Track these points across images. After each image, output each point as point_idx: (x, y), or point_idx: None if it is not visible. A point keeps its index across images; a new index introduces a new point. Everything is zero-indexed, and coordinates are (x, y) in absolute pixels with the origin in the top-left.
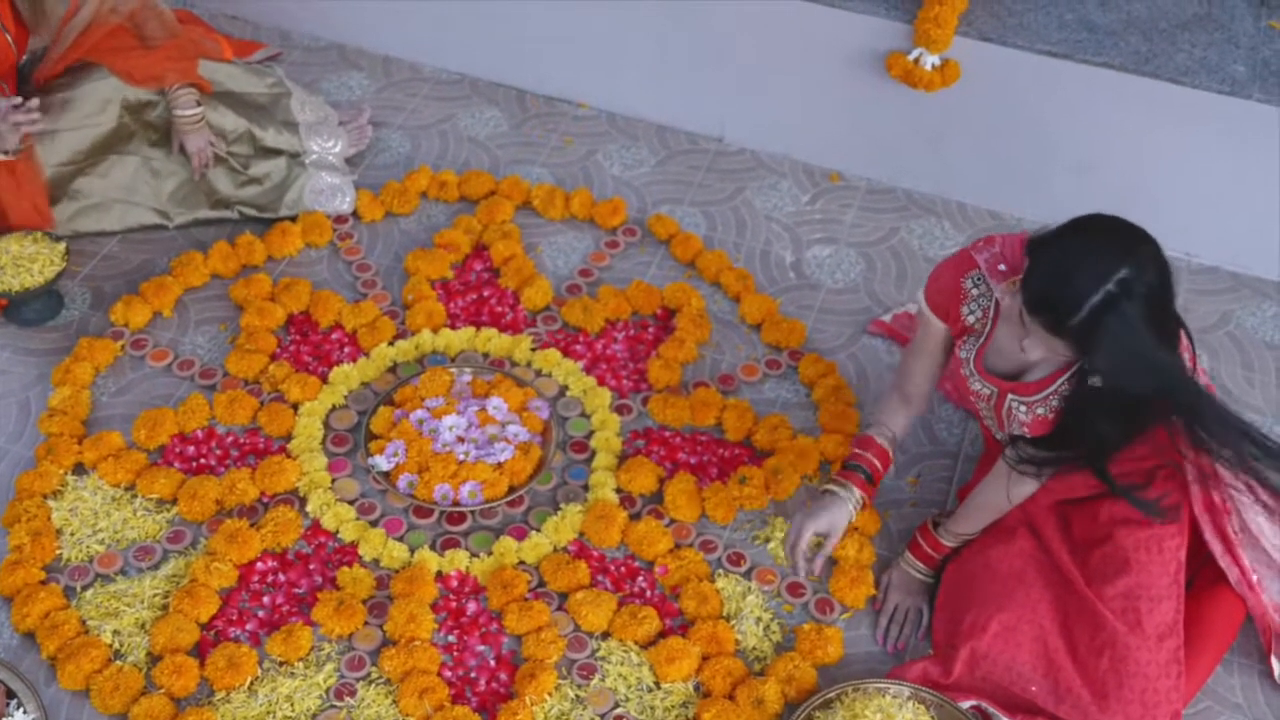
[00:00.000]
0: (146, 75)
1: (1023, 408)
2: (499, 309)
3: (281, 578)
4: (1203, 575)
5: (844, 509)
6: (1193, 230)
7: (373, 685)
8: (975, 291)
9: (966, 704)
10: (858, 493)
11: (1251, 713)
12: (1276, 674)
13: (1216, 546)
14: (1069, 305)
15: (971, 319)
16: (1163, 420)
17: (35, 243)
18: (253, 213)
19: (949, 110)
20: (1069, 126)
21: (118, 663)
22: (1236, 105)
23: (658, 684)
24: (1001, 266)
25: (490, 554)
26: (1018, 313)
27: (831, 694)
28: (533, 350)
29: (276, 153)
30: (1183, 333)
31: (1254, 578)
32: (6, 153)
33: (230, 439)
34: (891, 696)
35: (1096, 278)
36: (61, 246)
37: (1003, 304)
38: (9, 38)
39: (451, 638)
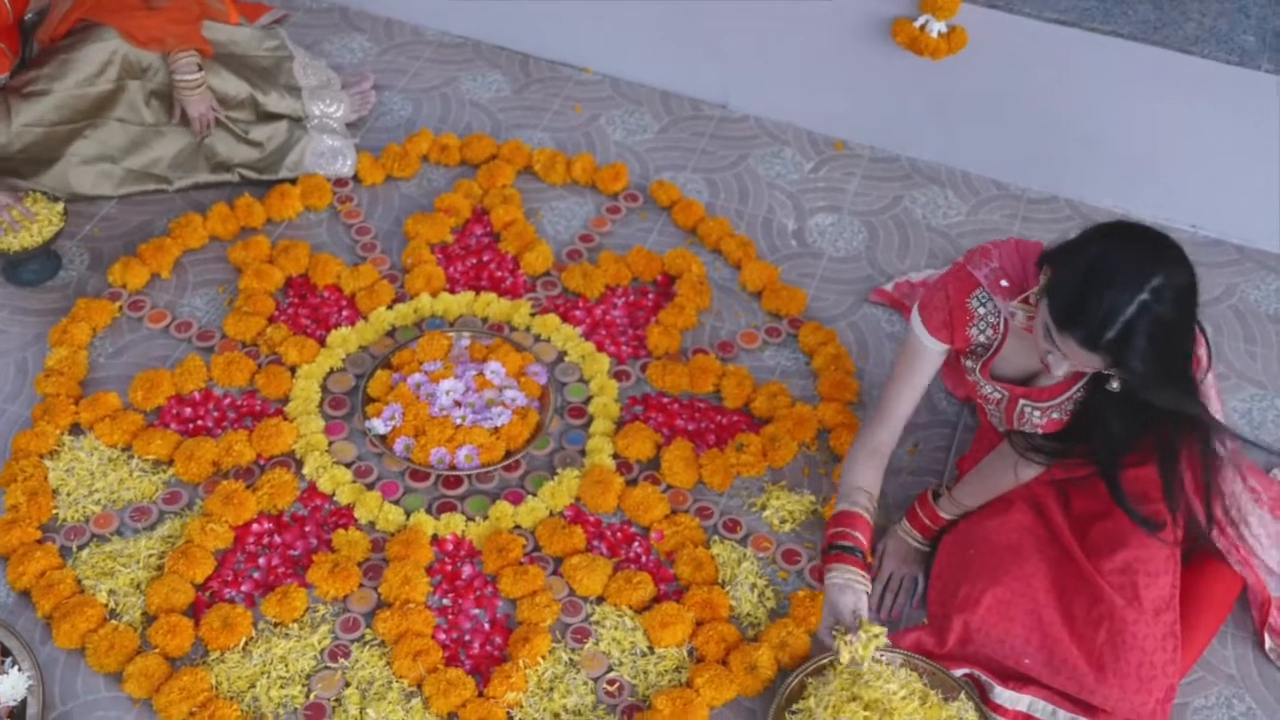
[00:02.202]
0: (149, 37)
1: (1036, 412)
2: (498, 274)
3: (277, 539)
4: (1200, 550)
5: (851, 592)
6: (1198, 202)
7: (367, 647)
8: (983, 310)
9: (959, 672)
10: (857, 574)
11: (1245, 684)
12: (1268, 647)
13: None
14: (1104, 320)
15: (982, 338)
16: (1172, 425)
17: (34, 203)
18: (253, 175)
19: (955, 78)
20: (1075, 95)
21: (113, 622)
22: (1245, 76)
23: (651, 649)
24: (1004, 282)
25: (486, 518)
26: (1044, 329)
27: (825, 660)
28: (532, 315)
29: (278, 117)
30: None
31: (1247, 553)
32: None
33: (227, 401)
34: (885, 663)
35: (1129, 288)
36: (59, 206)
37: (1013, 321)
38: None
39: (446, 601)
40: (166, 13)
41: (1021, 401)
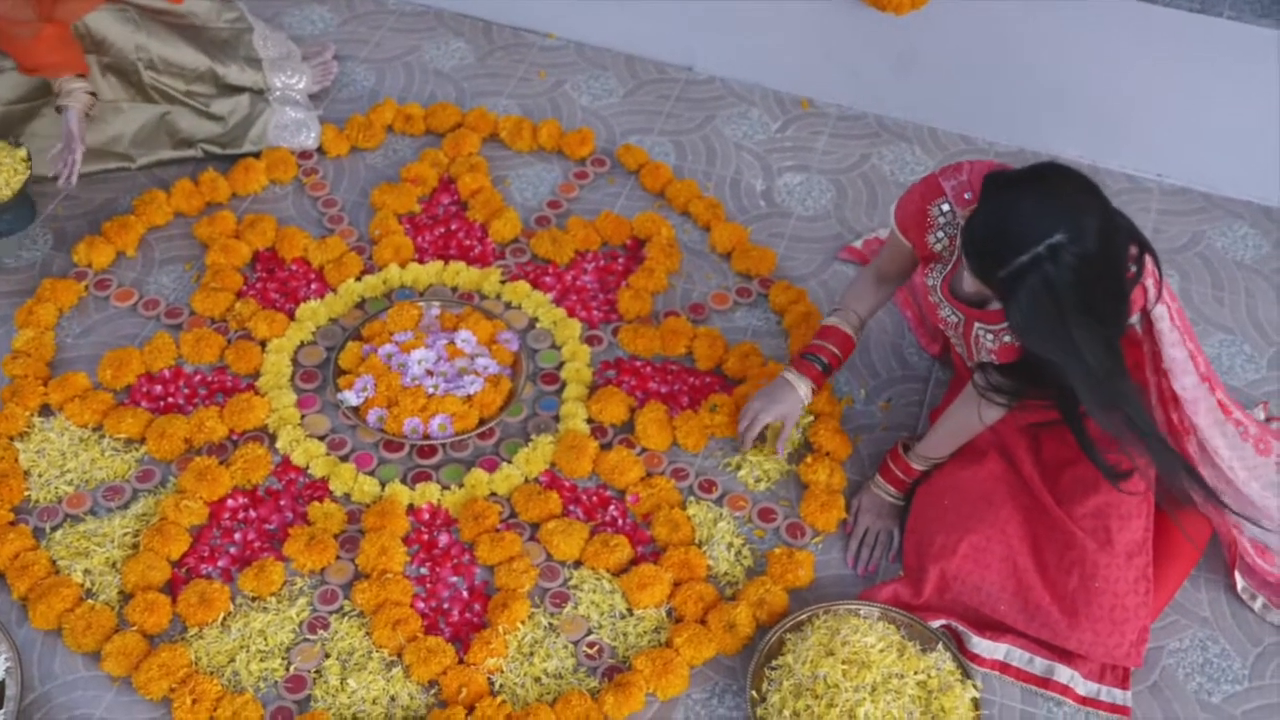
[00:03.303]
0: (32, 64)
1: (989, 335)
2: (467, 242)
3: (252, 514)
4: (1171, 493)
5: (796, 399)
6: (1163, 151)
7: (345, 618)
8: (942, 220)
9: (936, 623)
10: (809, 385)
11: (1219, 626)
12: (1239, 588)
13: None
14: (998, 258)
15: (938, 246)
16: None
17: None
18: (216, 150)
19: (919, 34)
20: (1040, 48)
21: (89, 601)
22: (1207, 23)
23: (630, 610)
24: (967, 195)
25: (461, 486)
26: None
27: (803, 616)
28: (502, 283)
29: (239, 90)
30: (1150, 260)
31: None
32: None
33: (198, 378)
34: (862, 617)
35: (1030, 238)
36: (21, 151)
37: None
38: None
39: (424, 570)
40: (43, 38)
41: (976, 325)
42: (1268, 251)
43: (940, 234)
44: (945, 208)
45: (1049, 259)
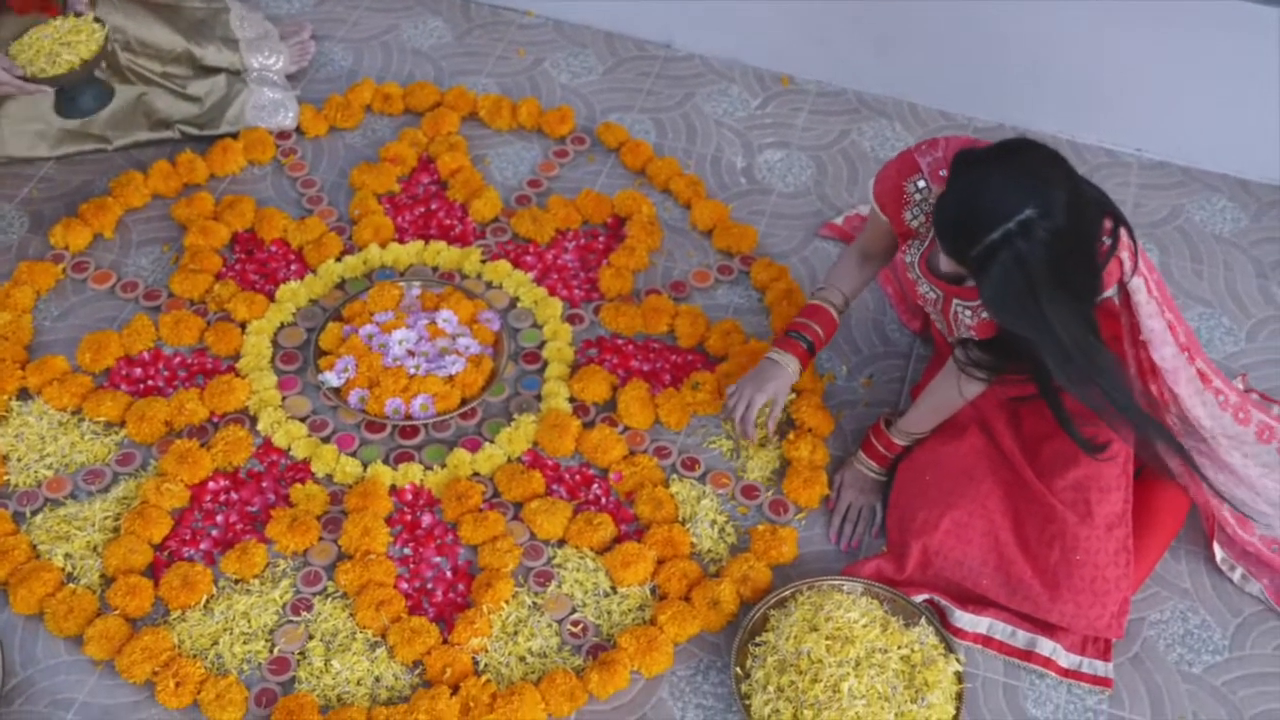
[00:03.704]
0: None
1: (967, 311)
2: (447, 222)
3: (234, 496)
4: (1150, 466)
5: (785, 377)
6: (1142, 125)
7: (329, 599)
8: (918, 197)
9: (919, 598)
10: (796, 363)
11: (1199, 597)
12: (1218, 559)
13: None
14: (969, 236)
15: (915, 223)
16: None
17: (65, 20)
18: (193, 131)
19: (898, 9)
20: (1017, 22)
21: (71, 586)
22: None
23: (614, 588)
24: (943, 172)
25: (444, 466)
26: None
27: (786, 592)
28: (482, 262)
29: (216, 70)
30: (1125, 233)
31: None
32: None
33: (177, 360)
34: (845, 593)
35: (999, 215)
36: (90, 15)
37: None
38: None
39: (407, 550)
40: None
41: (955, 301)
42: (1246, 225)
43: (916, 210)
44: (921, 184)
45: (1020, 235)
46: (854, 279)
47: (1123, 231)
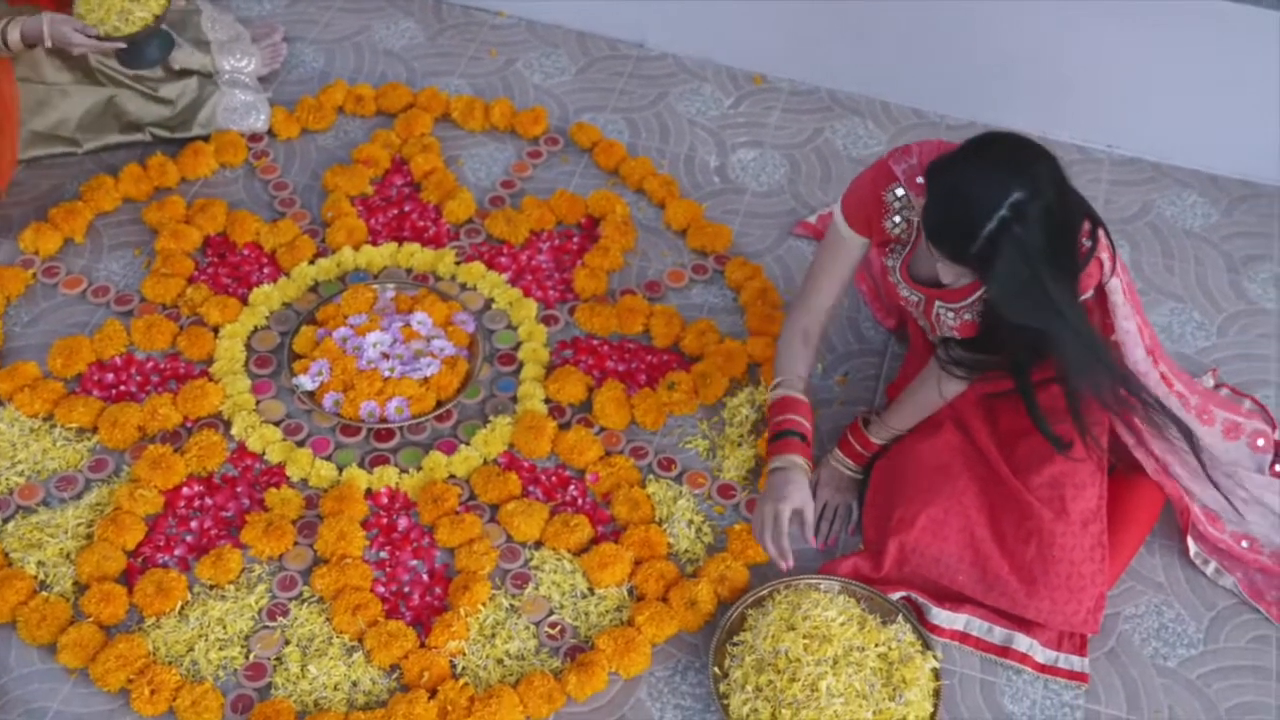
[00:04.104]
0: None
1: (950, 313)
2: (421, 223)
3: (209, 501)
4: (1124, 462)
5: (802, 480)
6: (1113, 122)
7: (305, 604)
8: (897, 204)
9: (896, 595)
10: (800, 459)
11: (1173, 591)
12: (1192, 553)
13: (1129, 439)
14: (966, 235)
15: (896, 230)
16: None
17: None
18: (164, 134)
19: (870, 7)
20: (989, 20)
21: (43, 594)
22: None
23: (592, 590)
24: (919, 179)
25: (420, 469)
26: (926, 240)
27: (764, 591)
28: (456, 264)
29: (187, 73)
30: (1101, 231)
31: (1165, 464)
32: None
33: (150, 365)
34: (822, 591)
35: (990, 204)
36: None
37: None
38: None
39: (384, 554)
40: None
41: (937, 303)
42: (1216, 220)
43: (897, 218)
44: (900, 192)
45: (1015, 219)
46: (804, 359)
47: (1100, 233)
